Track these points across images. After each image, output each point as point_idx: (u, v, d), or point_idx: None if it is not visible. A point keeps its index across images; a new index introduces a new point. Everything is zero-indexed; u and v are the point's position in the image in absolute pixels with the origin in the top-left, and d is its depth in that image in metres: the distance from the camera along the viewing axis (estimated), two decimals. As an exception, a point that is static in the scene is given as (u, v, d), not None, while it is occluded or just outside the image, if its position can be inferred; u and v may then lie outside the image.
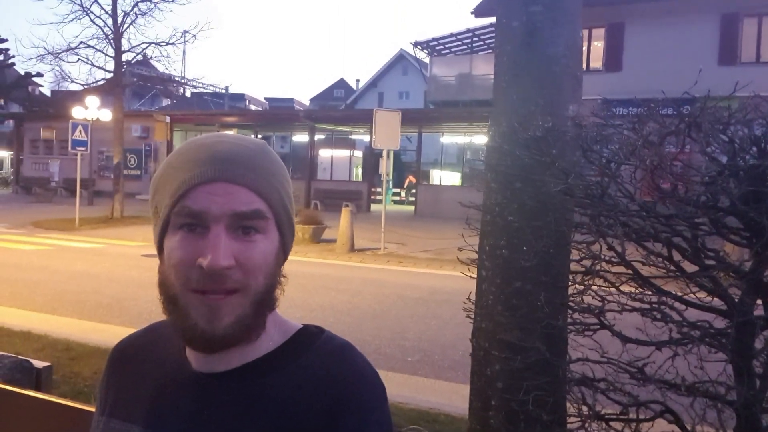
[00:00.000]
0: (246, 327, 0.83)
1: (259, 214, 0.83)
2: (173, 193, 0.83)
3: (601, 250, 2.24)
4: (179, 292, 0.82)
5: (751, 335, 2.04)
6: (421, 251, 13.53)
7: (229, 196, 0.81)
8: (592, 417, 2.25)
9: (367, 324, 7.13)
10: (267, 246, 0.84)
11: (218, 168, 0.82)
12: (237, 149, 0.85)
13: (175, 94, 39.33)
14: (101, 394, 0.99)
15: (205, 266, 0.79)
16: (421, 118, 25.58)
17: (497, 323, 2.64)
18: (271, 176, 0.86)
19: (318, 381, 0.85)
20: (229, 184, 0.82)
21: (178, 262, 0.81)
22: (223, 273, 0.79)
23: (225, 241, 0.80)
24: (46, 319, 6.99)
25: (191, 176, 0.82)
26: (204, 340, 0.82)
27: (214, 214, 0.81)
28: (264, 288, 0.84)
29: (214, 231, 0.80)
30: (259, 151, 0.87)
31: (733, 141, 2.00)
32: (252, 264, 0.82)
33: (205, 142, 0.87)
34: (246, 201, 0.82)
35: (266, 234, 0.84)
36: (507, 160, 2.58)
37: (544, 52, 2.60)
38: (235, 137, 0.89)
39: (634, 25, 20.48)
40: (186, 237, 0.82)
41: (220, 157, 0.84)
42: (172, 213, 0.83)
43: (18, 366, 2.11)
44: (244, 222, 0.82)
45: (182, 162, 0.85)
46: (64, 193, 28.89)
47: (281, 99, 60.39)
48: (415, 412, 4.37)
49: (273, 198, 0.85)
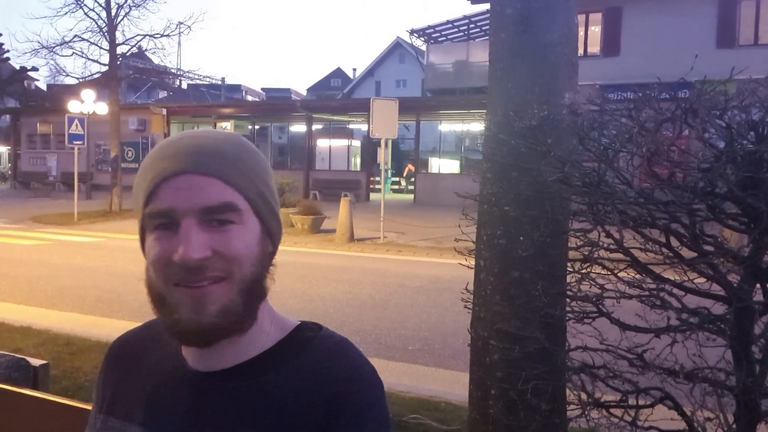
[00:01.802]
0: (234, 316, 0.82)
1: (229, 206, 0.81)
2: (143, 194, 0.83)
3: (599, 237, 2.23)
4: (164, 289, 0.81)
5: (750, 321, 2.03)
6: (421, 240, 13.53)
7: (196, 189, 0.80)
8: (592, 404, 2.26)
9: (368, 313, 7.14)
10: (245, 235, 0.83)
11: (183, 161, 0.81)
12: (204, 141, 0.84)
13: (172, 86, 39.19)
14: (98, 391, 0.99)
15: (177, 260, 0.78)
16: (419, 106, 25.49)
17: (495, 313, 2.64)
18: (242, 165, 0.84)
19: (315, 378, 0.84)
20: (195, 175, 0.81)
21: (156, 261, 0.81)
22: (200, 265, 0.79)
23: (196, 234, 0.79)
24: (46, 314, 6.99)
25: (157, 173, 0.82)
26: (191, 330, 0.81)
27: (181, 209, 0.80)
28: (251, 276, 0.83)
29: (185, 225, 0.79)
30: (229, 142, 0.86)
31: (731, 126, 1.98)
32: (232, 252, 0.81)
33: (173, 139, 0.86)
34: (215, 194, 0.81)
35: (243, 224, 0.83)
36: (503, 150, 2.56)
37: (538, 40, 2.58)
38: (207, 131, 0.87)
39: (632, 9, 20.36)
40: (161, 235, 0.81)
41: (185, 150, 0.82)
42: (144, 216, 0.82)
43: (15, 364, 2.11)
44: (216, 215, 0.81)
45: (151, 162, 0.84)
46: (62, 187, 28.85)
47: (278, 89, 60.19)
48: (416, 401, 4.38)
49: (246, 187, 0.83)
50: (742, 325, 2.02)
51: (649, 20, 19.81)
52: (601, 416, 2.26)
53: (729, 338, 2.03)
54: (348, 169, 28.32)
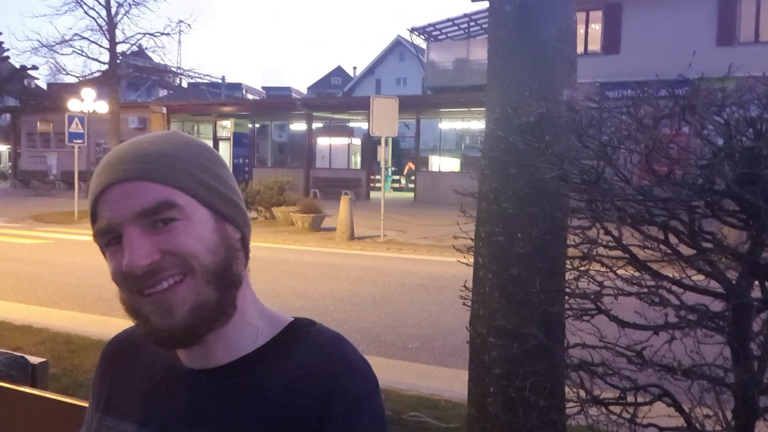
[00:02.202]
0: (209, 310, 0.82)
1: (167, 204, 0.80)
2: (90, 216, 0.84)
3: (598, 234, 2.23)
4: (131, 301, 0.82)
5: (749, 318, 2.03)
6: (421, 238, 13.53)
7: (127, 197, 0.80)
8: (591, 401, 2.26)
9: (368, 311, 7.14)
10: (194, 227, 0.82)
11: (110, 173, 0.81)
12: (130, 147, 0.84)
13: (171, 84, 39.23)
14: (94, 389, 0.99)
15: (125, 270, 0.79)
16: (419, 104, 25.48)
17: (494, 310, 2.64)
18: (172, 159, 0.83)
19: (309, 374, 0.84)
20: (124, 183, 0.80)
21: (113, 275, 0.82)
22: (151, 269, 0.79)
23: (138, 240, 0.79)
24: (46, 312, 7.00)
25: (92, 193, 0.83)
26: (168, 336, 0.81)
27: (117, 221, 0.80)
28: (214, 266, 0.82)
29: (126, 234, 0.80)
30: (157, 140, 0.86)
31: (729, 123, 1.98)
32: (181, 248, 0.80)
33: (106, 155, 0.86)
34: (148, 196, 0.80)
35: (188, 218, 0.82)
36: (501, 147, 2.56)
37: (537, 36, 2.57)
38: (137, 138, 0.87)
39: (632, 7, 20.34)
40: (113, 251, 0.82)
41: (111, 161, 0.83)
42: (94, 239, 0.84)
43: (13, 362, 2.11)
44: (155, 217, 0.80)
45: (91, 182, 0.85)
46: (63, 186, 28.88)
47: (278, 88, 60.22)
48: (416, 399, 4.38)
49: (181, 180, 0.82)
50: (741, 322, 2.01)
51: (649, 18, 19.79)
52: (600, 413, 2.26)
53: (727, 335, 2.03)
54: (348, 167, 28.32)
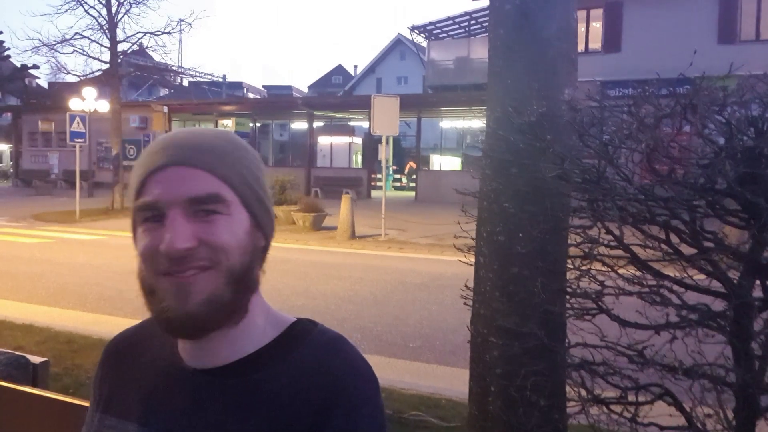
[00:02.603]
0: (221, 306, 0.82)
1: (215, 198, 0.82)
2: (134, 189, 0.84)
3: (599, 234, 2.23)
4: (152, 280, 0.82)
5: (750, 317, 2.03)
6: (422, 237, 13.52)
7: (182, 181, 0.81)
8: (592, 401, 2.26)
9: (369, 311, 7.14)
10: (233, 225, 0.83)
11: (169, 154, 0.83)
12: (192, 136, 0.86)
13: (172, 83, 39.22)
14: (95, 389, 1.00)
15: (162, 250, 0.79)
16: (420, 103, 25.47)
17: (495, 309, 2.64)
18: (229, 156, 0.85)
19: (310, 375, 0.84)
20: (182, 167, 0.82)
21: (143, 250, 0.82)
22: (185, 254, 0.79)
23: (181, 224, 0.80)
24: (48, 311, 7.01)
25: (145, 168, 0.83)
26: (178, 321, 0.81)
27: (167, 200, 0.81)
28: (240, 266, 0.83)
29: (170, 216, 0.80)
30: (217, 137, 0.88)
31: (730, 122, 1.98)
32: (218, 241, 0.81)
33: (163, 136, 0.87)
34: (202, 185, 0.82)
35: (230, 215, 0.83)
36: (502, 146, 2.56)
37: (537, 35, 2.57)
38: (198, 129, 0.89)
39: (633, 5, 20.30)
40: (149, 227, 0.82)
41: (172, 144, 0.84)
42: (134, 211, 0.84)
43: (14, 362, 2.12)
44: (202, 206, 0.81)
45: (141, 158, 0.86)
46: (64, 185, 28.90)
47: (279, 87, 60.19)
48: (417, 398, 4.38)
49: (234, 179, 0.84)
50: (742, 322, 2.01)
51: (650, 16, 19.76)
52: (601, 413, 2.26)
53: (728, 334, 2.03)
54: (349, 166, 28.31)
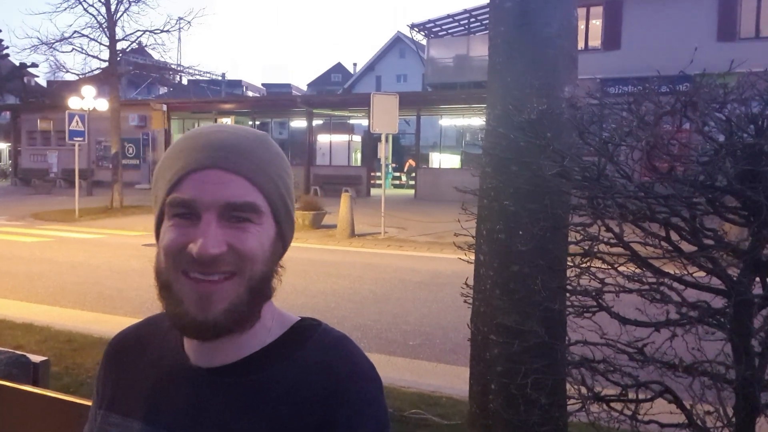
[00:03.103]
0: (240, 315, 0.82)
1: (252, 207, 0.82)
2: (168, 182, 0.83)
3: (599, 231, 2.23)
4: (172, 277, 0.82)
5: (750, 314, 2.03)
6: (422, 235, 13.53)
7: (221, 185, 0.81)
8: (592, 398, 2.26)
9: (369, 309, 7.15)
10: (262, 235, 0.83)
11: (212, 155, 0.82)
12: (234, 138, 0.85)
13: (172, 82, 39.21)
14: (98, 387, 0.99)
15: (195, 253, 0.79)
16: (419, 101, 25.45)
17: (495, 307, 2.64)
18: (269, 166, 0.85)
19: (315, 374, 0.85)
20: (222, 171, 0.81)
21: (169, 245, 0.81)
22: (215, 259, 0.79)
23: (215, 229, 0.80)
24: (47, 310, 7.01)
25: (185, 164, 0.82)
26: (195, 326, 0.81)
27: (204, 202, 0.80)
28: (260, 275, 0.84)
29: (205, 219, 0.80)
30: (257, 141, 0.86)
31: (730, 119, 1.98)
32: (246, 250, 0.81)
33: (203, 132, 0.86)
34: (240, 192, 0.81)
35: (261, 224, 0.83)
36: (502, 144, 2.56)
37: (537, 33, 2.57)
38: (235, 127, 0.88)
39: (633, 3, 20.30)
40: (178, 223, 0.81)
41: (215, 145, 0.83)
42: (166, 203, 0.83)
43: (15, 361, 2.12)
44: (237, 212, 0.81)
45: (178, 151, 0.85)
46: (63, 184, 28.87)
47: (278, 85, 60.19)
48: (417, 396, 4.39)
49: (269, 189, 0.84)
50: (742, 319, 2.01)
51: (649, 13, 19.75)
52: (602, 410, 2.26)
53: (728, 331, 2.03)
54: (348, 164, 28.31)
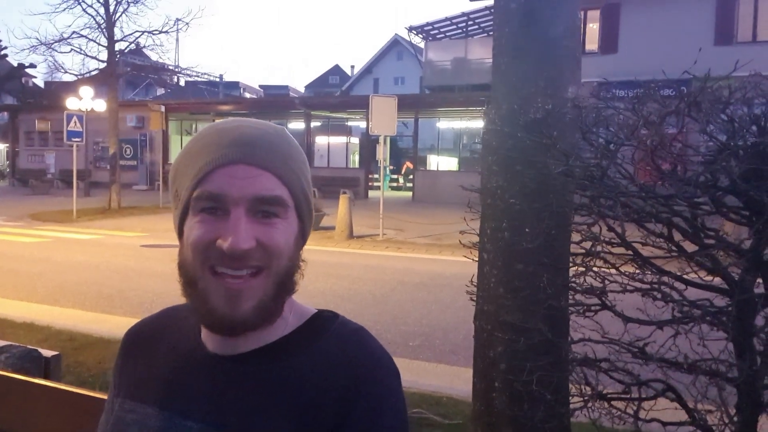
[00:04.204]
0: (267, 310, 0.84)
1: (279, 200, 0.83)
2: (194, 176, 0.83)
3: (601, 231, 2.25)
4: (198, 274, 0.82)
5: (752, 313, 2.05)
6: (420, 237, 13.54)
7: (250, 179, 0.82)
8: (595, 396, 2.28)
9: (368, 310, 7.15)
10: (287, 230, 0.85)
11: (240, 150, 0.82)
12: (259, 133, 0.85)
13: (169, 83, 39.16)
14: (115, 377, 0.99)
15: (226, 248, 0.79)
16: (417, 103, 25.48)
17: (500, 305, 2.66)
18: (293, 162, 0.87)
19: (334, 364, 0.85)
20: (250, 167, 0.82)
21: (197, 240, 0.81)
22: (244, 255, 0.80)
23: (246, 224, 0.80)
24: (48, 310, 7.00)
25: (212, 159, 0.82)
26: (224, 324, 0.82)
27: (234, 196, 0.81)
28: (286, 270, 0.85)
29: (235, 214, 0.81)
30: (280, 136, 0.88)
31: (733, 120, 2.00)
32: (274, 245, 0.83)
33: (226, 127, 0.86)
34: (267, 186, 0.82)
35: (286, 219, 0.85)
36: (508, 143, 2.58)
37: (544, 34, 2.59)
38: (256, 122, 0.89)
39: (630, 6, 20.36)
40: (206, 219, 0.82)
41: (242, 140, 0.84)
42: (192, 197, 0.83)
43: (27, 355, 2.13)
44: (265, 207, 0.82)
45: (202, 146, 0.85)
46: (61, 184, 28.81)
47: (276, 86, 60.09)
48: (418, 396, 4.40)
49: (294, 184, 0.86)
50: (744, 318, 2.03)
51: (647, 17, 19.81)
52: (604, 408, 2.28)
53: (731, 330, 2.05)
54: (347, 166, 28.31)
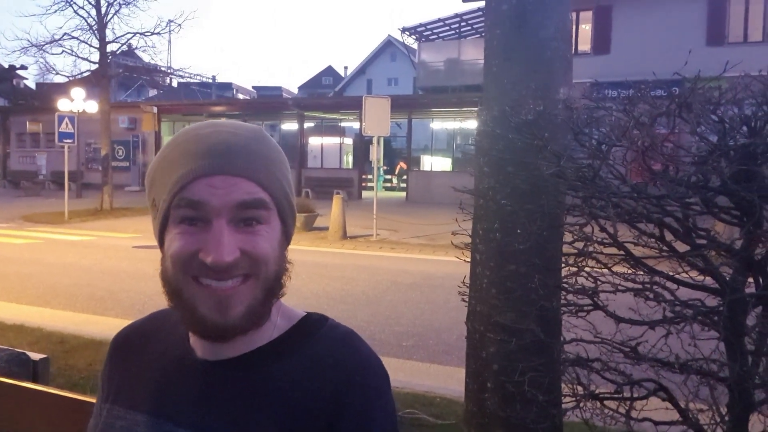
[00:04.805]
0: (256, 315, 0.83)
1: (262, 203, 0.82)
2: (171, 186, 0.81)
3: (593, 231, 2.25)
4: (182, 284, 0.81)
5: (743, 313, 2.06)
6: (413, 237, 13.55)
7: (229, 188, 0.80)
8: (587, 396, 2.28)
9: (361, 310, 7.15)
10: (271, 235, 0.84)
11: (216, 161, 0.81)
12: (235, 139, 0.84)
13: (162, 84, 39.05)
14: (103, 381, 0.98)
15: (209, 263, 0.79)
16: (411, 104, 25.50)
17: (492, 306, 2.66)
18: (271, 164, 0.85)
19: (323, 367, 0.85)
20: (229, 176, 0.81)
21: (179, 253, 0.80)
22: (229, 267, 0.79)
23: (228, 235, 0.79)
24: (39, 312, 6.96)
25: (189, 170, 0.81)
26: (215, 330, 0.82)
27: (214, 205, 0.80)
28: (274, 275, 0.84)
29: (216, 225, 0.80)
30: (257, 139, 0.86)
31: (724, 121, 2.01)
32: (260, 253, 0.82)
33: (201, 133, 0.85)
34: (249, 190, 0.81)
35: (269, 224, 0.84)
36: (499, 144, 2.58)
37: (535, 36, 2.59)
38: (231, 125, 0.87)
39: (622, 8, 20.45)
40: (186, 230, 0.81)
41: (218, 149, 0.82)
42: (171, 206, 0.81)
43: (15, 359, 2.11)
44: (247, 213, 0.81)
45: (179, 155, 0.83)
46: (53, 186, 28.66)
47: (269, 87, 59.97)
48: (411, 396, 4.40)
49: (274, 187, 0.84)
50: (735, 317, 2.04)
51: (639, 18, 19.90)
52: (596, 408, 2.28)
53: (722, 330, 2.05)
54: (340, 167, 28.29)
